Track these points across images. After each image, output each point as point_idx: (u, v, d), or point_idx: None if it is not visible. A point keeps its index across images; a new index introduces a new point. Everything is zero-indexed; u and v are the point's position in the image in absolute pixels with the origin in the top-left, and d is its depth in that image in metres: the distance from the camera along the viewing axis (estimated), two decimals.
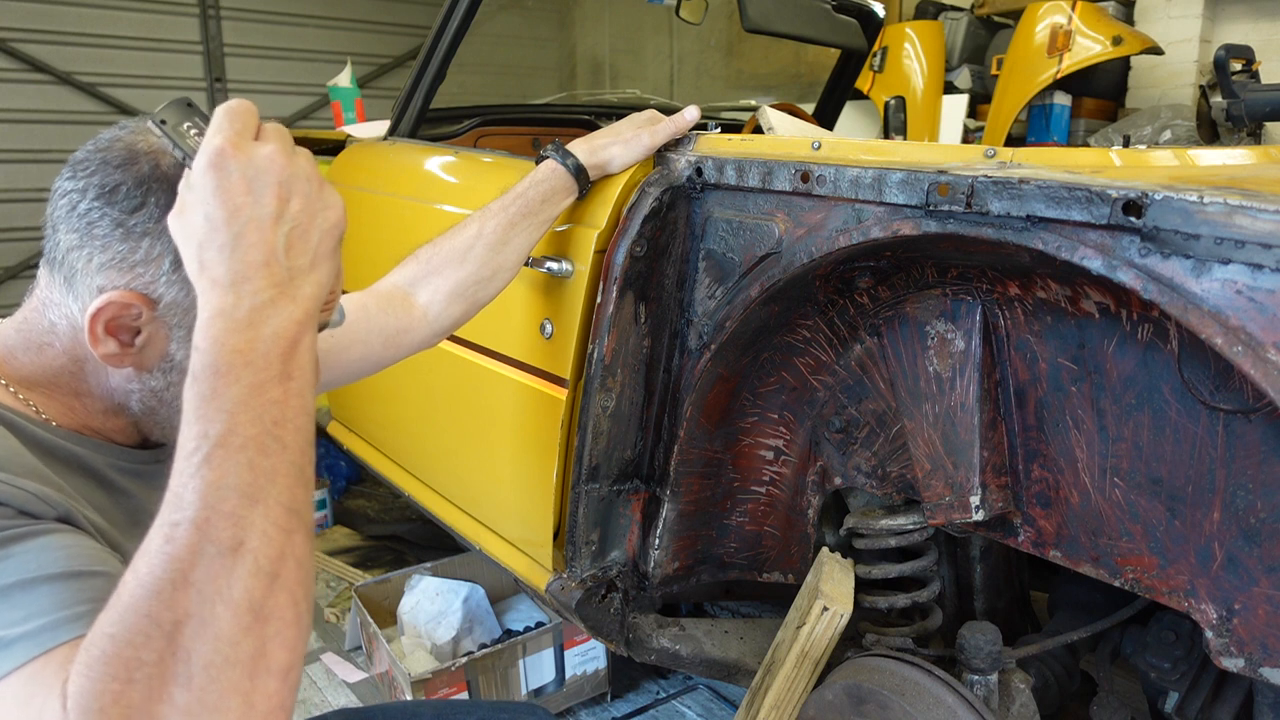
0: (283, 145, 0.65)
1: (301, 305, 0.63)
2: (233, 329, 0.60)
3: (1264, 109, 2.69)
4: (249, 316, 0.60)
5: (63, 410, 0.79)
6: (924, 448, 1.16)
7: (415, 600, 2.12)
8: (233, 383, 0.58)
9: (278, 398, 0.59)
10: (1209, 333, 0.78)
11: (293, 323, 0.61)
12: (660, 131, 1.34)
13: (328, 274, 0.66)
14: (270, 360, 0.60)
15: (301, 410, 0.61)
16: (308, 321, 0.63)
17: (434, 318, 1.22)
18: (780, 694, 1.30)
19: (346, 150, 2.27)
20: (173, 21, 5.26)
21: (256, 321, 0.60)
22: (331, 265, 0.67)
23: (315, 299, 0.64)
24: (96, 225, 0.73)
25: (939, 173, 0.98)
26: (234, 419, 0.57)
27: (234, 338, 0.59)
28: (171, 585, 0.52)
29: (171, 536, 0.54)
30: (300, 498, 0.59)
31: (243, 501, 0.55)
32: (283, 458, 0.58)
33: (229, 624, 0.53)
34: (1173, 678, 1.19)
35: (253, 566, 0.55)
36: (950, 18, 3.70)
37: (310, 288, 0.64)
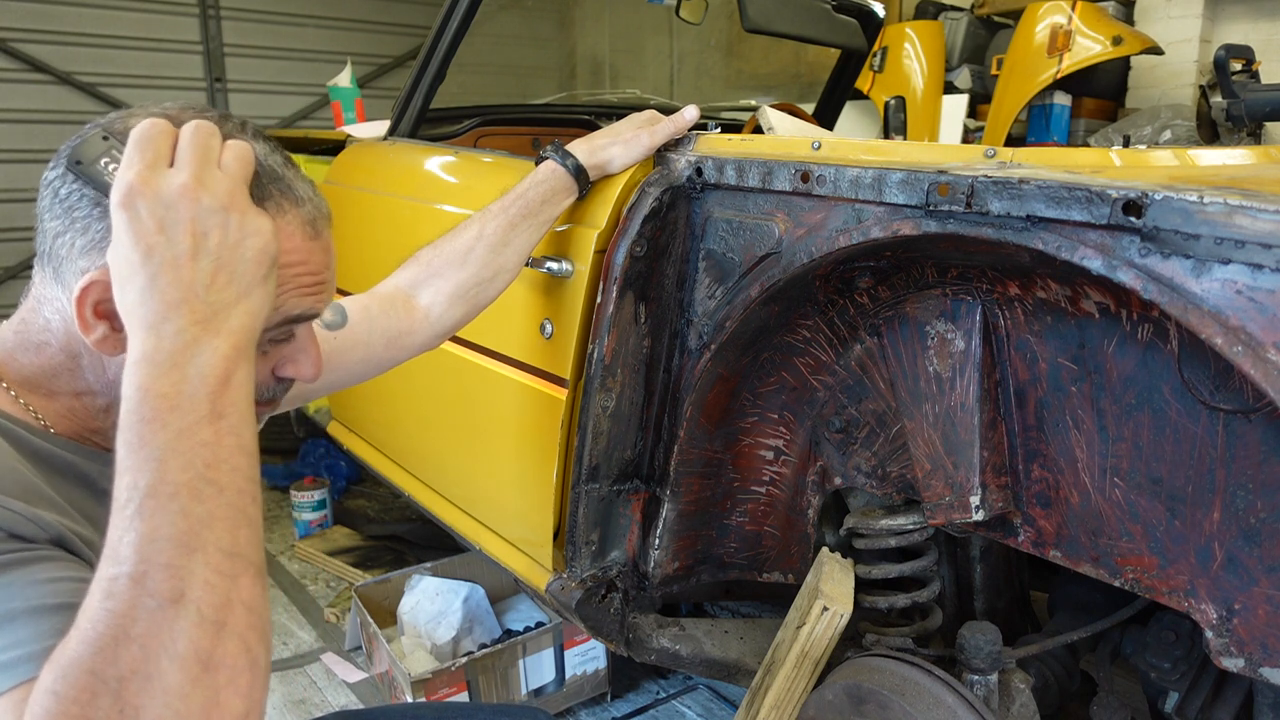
0: (196, 172, 0.63)
1: (229, 339, 0.61)
2: (156, 373, 0.59)
3: (1264, 109, 2.69)
4: (171, 358, 0.59)
5: (64, 413, 0.79)
6: (924, 448, 1.16)
7: (415, 600, 2.12)
8: (159, 429, 0.57)
9: (208, 439, 0.58)
10: (1209, 333, 0.78)
11: (220, 358, 0.60)
12: (660, 131, 1.34)
13: (260, 301, 0.65)
14: (197, 401, 0.58)
15: (237, 449, 0.59)
16: (238, 355, 0.62)
17: (436, 319, 1.23)
18: (780, 694, 1.30)
19: (346, 150, 2.27)
20: (173, 21, 5.26)
21: (180, 362, 0.59)
22: (264, 292, 0.65)
23: (247, 330, 0.63)
24: (76, 208, 0.72)
25: (939, 173, 0.98)
26: (163, 466, 0.56)
27: (158, 382, 0.58)
28: (114, 641, 0.52)
29: (111, 591, 0.53)
30: (243, 539, 0.57)
31: (179, 551, 0.54)
32: (218, 501, 0.57)
33: (176, 677, 0.52)
34: (1173, 678, 1.19)
35: (196, 617, 0.54)
36: (950, 18, 3.69)
37: (240, 318, 0.63)
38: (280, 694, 2.08)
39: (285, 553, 2.83)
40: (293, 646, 2.30)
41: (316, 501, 2.88)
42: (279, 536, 2.92)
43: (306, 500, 2.87)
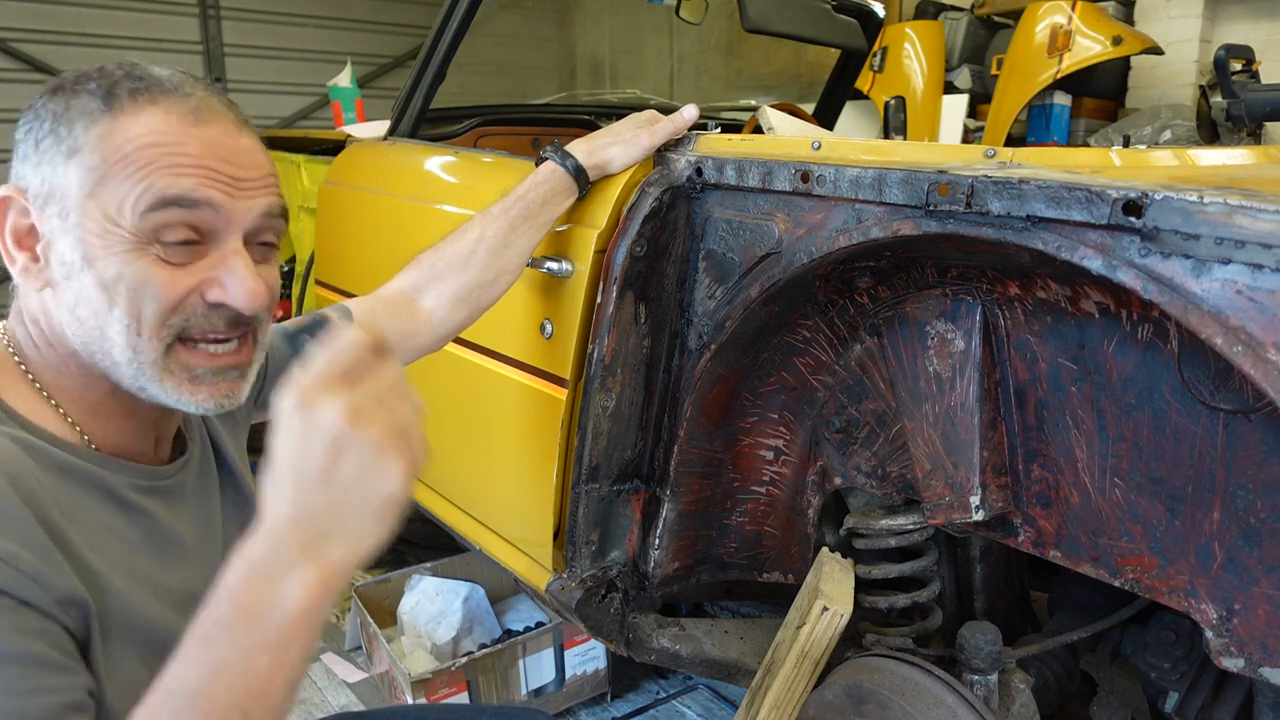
0: (356, 404, 0.60)
1: (321, 572, 0.60)
2: (248, 580, 0.59)
3: (1264, 109, 2.69)
4: (266, 572, 0.59)
5: (89, 413, 0.78)
6: (924, 448, 1.16)
7: (415, 600, 2.12)
8: (226, 639, 0.58)
9: (264, 669, 0.58)
10: (1209, 333, 0.78)
11: (306, 589, 0.59)
12: (659, 131, 1.34)
13: (367, 545, 0.62)
14: (268, 627, 0.58)
15: (285, 684, 0.59)
16: (324, 591, 0.60)
17: (439, 322, 1.23)
18: (780, 694, 1.30)
19: (346, 150, 2.27)
20: (173, 21, 5.26)
21: (272, 579, 0.59)
22: (377, 533, 0.63)
23: (343, 569, 0.62)
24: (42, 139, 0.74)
25: (939, 173, 0.98)
26: (212, 680, 0.57)
27: (245, 590, 0.59)
28: None
29: None
30: None
31: None
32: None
33: None
34: (1173, 678, 1.19)
35: None
36: (950, 18, 3.70)
37: (339, 552, 0.61)
38: None
39: None
40: None
41: None
42: None
43: None
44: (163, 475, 0.83)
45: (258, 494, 0.62)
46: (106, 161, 0.72)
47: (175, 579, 0.81)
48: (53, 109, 0.74)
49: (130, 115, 0.73)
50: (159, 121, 0.73)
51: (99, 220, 0.72)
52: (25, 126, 0.75)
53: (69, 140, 0.73)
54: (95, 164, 0.72)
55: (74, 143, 0.73)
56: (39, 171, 0.74)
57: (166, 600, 0.78)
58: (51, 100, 0.75)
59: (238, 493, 0.95)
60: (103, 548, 0.73)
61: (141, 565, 0.77)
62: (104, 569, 0.72)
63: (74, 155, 0.73)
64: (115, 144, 0.72)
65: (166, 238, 0.73)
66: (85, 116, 0.73)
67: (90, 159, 0.72)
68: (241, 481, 0.96)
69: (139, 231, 0.72)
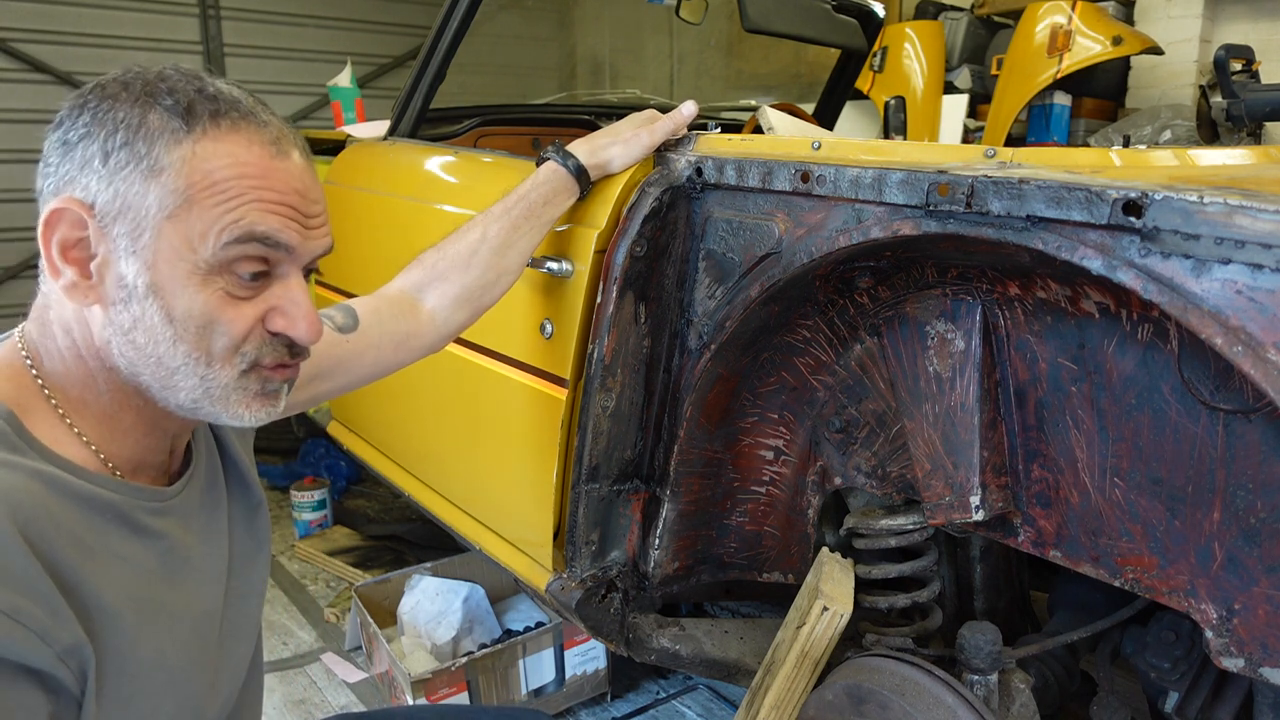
0: None
1: None
2: None
3: (1264, 109, 2.69)
4: None
5: (108, 429, 0.77)
6: (924, 448, 1.16)
7: (415, 600, 2.12)
8: None
9: None
10: (1209, 333, 0.78)
11: None
12: (659, 130, 1.34)
13: None
14: None
15: None
16: None
17: (441, 322, 1.23)
18: (780, 694, 1.30)
19: (346, 150, 2.27)
20: (173, 21, 5.25)
21: None
22: None
23: None
24: (49, 156, 0.72)
25: (939, 173, 0.98)
26: None
27: None
28: None
29: None
30: None
31: None
32: None
33: None
34: (1173, 678, 1.19)
35: None
36: (950, 18, 3.69)
37: None
38: (280, 694, 2.08)
39: (285, 553, 2.83)
40: (293, 646, 2.30)
41: (316, 501, 2.88)
42: (279, 536, 2.92)
43: (306, 500, 2.87)
44: (173, 494, 0.83)
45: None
46: (193, 187, 0.71)
47: (188, 600, 0.81)
48: (124, 120, 0.71)
49: (214, 140, 0.72)
50: (243, 151, 0.73)
51: (174, 245, 0.71)
52: (82, 130, 0.71)
53: (149, 159, 0.71)
54: (179, 187, 0.71)
55: (155, 162, 0.71)
56: (110, 186, 0.71)
57: (177, 626, 0.79)
58: (117, 108, 0.72)
59: (247, 498, 0.95)
60: (117, 580, 0.73)
61: (155, 593, 0.77)
62: (115, 605, 0.72)
63: (155, 175, 0.71)
64: (203, 170, 0.71)
65: (240, 270, 0.73)
66: (167, 134, 0.71)
67: (175, 181, 0.71)
68: (251, 485, 0.96)
69: (215, 262, 0.72)
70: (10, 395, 0.74)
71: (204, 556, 0.85)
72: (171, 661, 0.77)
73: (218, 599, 0.86)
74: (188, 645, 0.80)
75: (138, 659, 0.73)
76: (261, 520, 0.96)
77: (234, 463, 0.94)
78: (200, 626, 0.83)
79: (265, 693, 1.07)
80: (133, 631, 0.73)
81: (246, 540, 0.93)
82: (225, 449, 0.94)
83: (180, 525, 0.82)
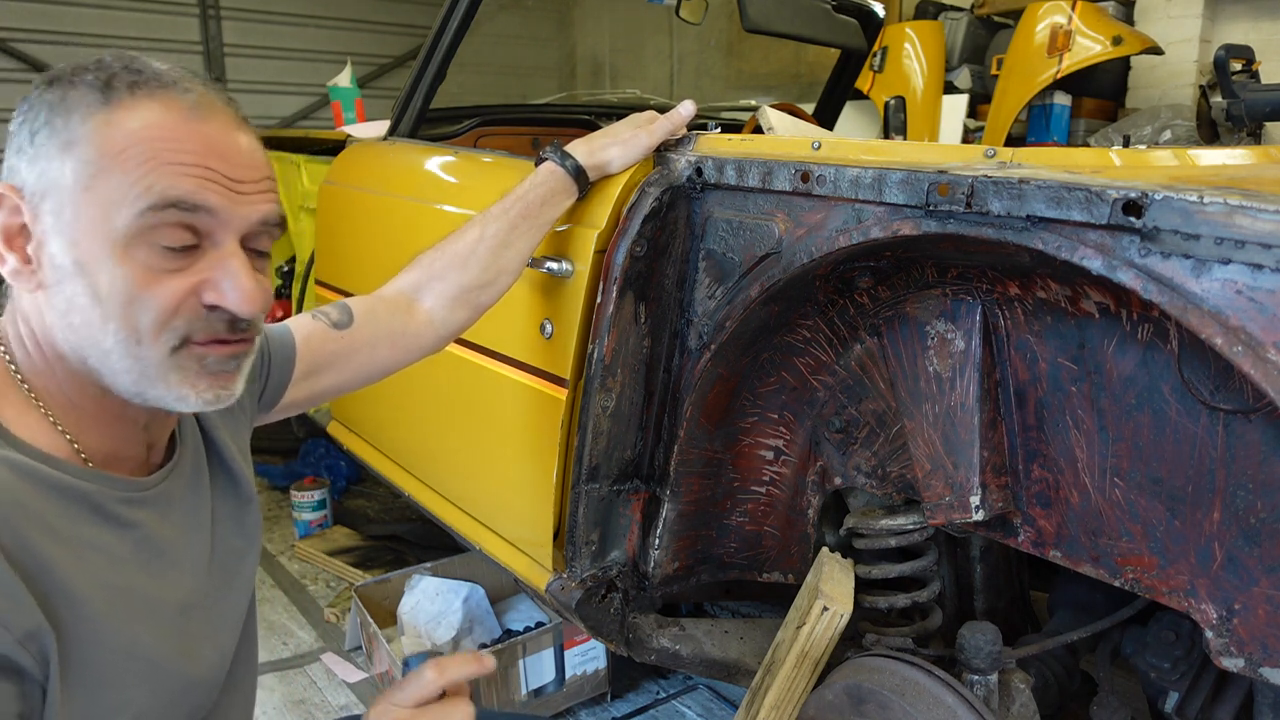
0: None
1: None
2: None
3: (1264, 109, 2.69)
4: None
5: (78, 418, 0.77)
6: (924, 448, 1.16)
7: (415, 600, 2.12)
8: None
9: None
10: (1209, 333, 0.78)
11: None
12: (657, 130, 1.34)
13: None
14: None
15: None
16: None
17: (439, 323, 1.23)
18: (780, 694, 1.30)
19: (346, 150, 2.27)
20: (173, 21, 5.26)
21: None
22: None
23: None
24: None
25: (939, 173, 0.98)
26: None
27: None
28: None
29: None
30: None
31: None
32: None
33: None
34: (1173, 678, 1.19)
35: None
36: (950, 18, 3.70)
37: None
38: (280, 694, 2.08)
39: (285, 553, 2.83)
40: (293, 646, 2.30)
41: (316, 501, 2.88)
42: (279, 536, 2.92)
43: (306, 500, 2.87)
44: (150, 485, 0.82)
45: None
46: (103, 155, 0.70)
47: (164, 590, 0.81)
48: (48, 100, 0.72)
49: (128, 109, 0.71)
50: (157, 115, 0.71)
51: (92, 217, 0.70)
52: (19, 119, 0.73)
53: (65, 133, 0.71)
54: (91, 157, 0.70)
55: (70, 135, 0.70)
56: (34, 166, 0.71)
57: (152, 616, 0.78)
58: (47, 91, 0.72)
59: (236, 493, 0.94)
60: (88, 568, 0.73)
61: (130, 582, 0.76)
62: (84, 592, 0.71)
63: (70, 148, 0.70)
64: (112, 137, 0.70)
65: (161, 240, 0.71)
66: (82, 108, 0.71)
67: (86, 151, 0.70)
68: (241, 481, 0.95)
69: (132, 233, 0.70)
70: None
71: (183, 549, 0.85)
72: (145, 651, 0.76)
73: (198, 592, 0.85)
74: (164, 635, 0.79)
75: (107, 646, 0.73)
76: (252, 516, 0.95)
77: (221, 458, 0.93)
78: (179, 618, 0.82)
79: (265, 692, 1.07)
80: (102, 619, 0.72)
81: (233, 535, 0.92)
82: (213, 444, 0.93)
83: (157, 516, 0.82)
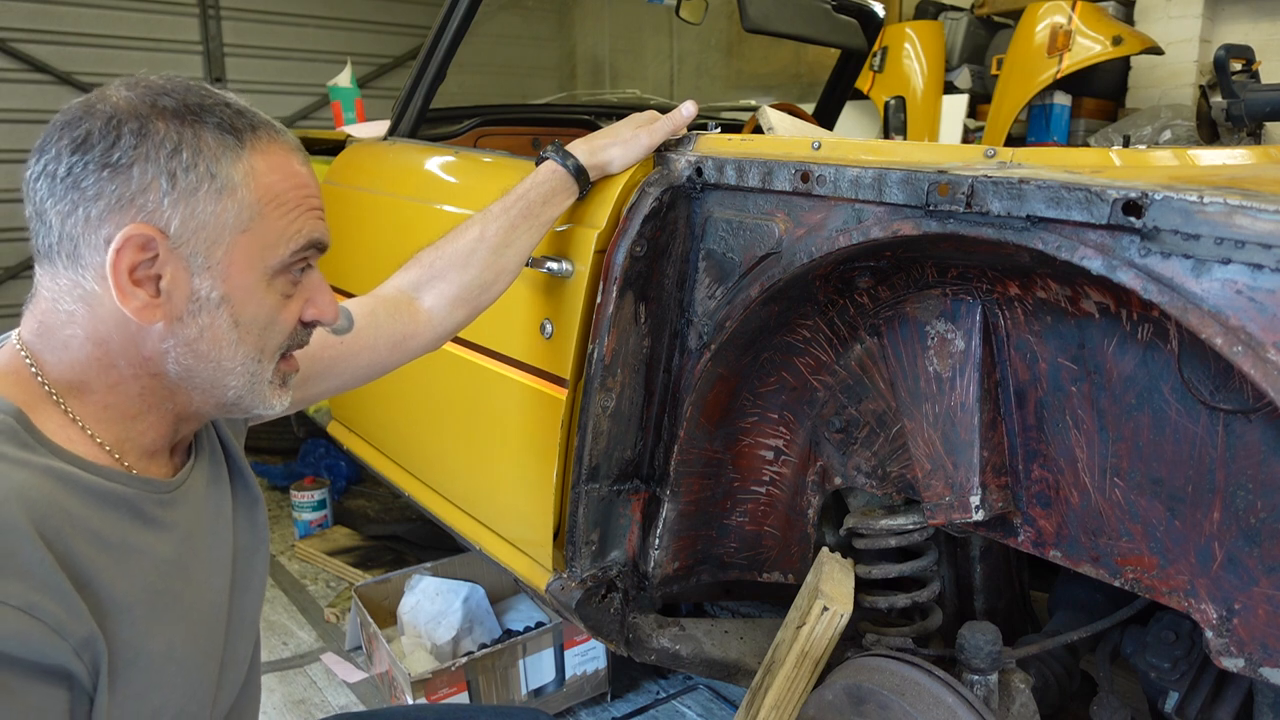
0: None
1: None
2: None
3: (1264, 109, 2.69)
4: None
5: (100, 416, 0.77)
6: (924, 448, 1.16)
7: (415, 600, 2.12)
8: None
9: None
10: (1209, 333, 0.78)
11: None
12: (658, 130, 1.34)
13: None
14: None
15: None
16: None
17: (439, 322, 1.23)
18: (780, 694, 1.30)
19: (346, 150, 2.27)
20: (173, 21, 5.25)
21: None
22: None
23: None
24: (82, 179, 0.71)
25: (939, 173, 0.98)
26: None
27: None
28: None
29: None
30: None
31: None
32: None
33: None
34: (1173, 678, 1.19)
35: None
36: (950, 18, 3.69)
37: None
38: (280, 694, 2.08)
39: (285, 553, 2.83)
40: (293, 646, 2.30)
41: (316, 501, 2.88)
42: (279, 536, 2.92)
43: (306, 500, 2.87)
44: (178, 483, 0.83)
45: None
46: (261, 201, 0.77)
47: (199, 590, 0.82)
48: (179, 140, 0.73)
49: (262, 155, 0.78)
50: (284, 162, 0.79)
51: (248, 256, 0.76)
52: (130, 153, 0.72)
53: (220, 179, 0.75)
54: (251, 201, 0.76)
55: (225, 180, 0.75)
56: (186, 207, 0.74)
57: (186, 618, 0.79)
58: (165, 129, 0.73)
59: (246, 491, 0.96)
60: (132, 573, 0.73)
61: (170, 584, 0.77)
62: (128, 599, 0.72)
63: (228, 193, 0.75)
64: (265, 183, 0.77)
65: (295, 271, 0.81)
66: (228, 153, 0.76)
67: (246, 195, 0.76)
68: (249, 479, 0.96)
69: (280, 268, 0.79)
70: (17, 395, 0.74)
71: (210, 548, 0.86)
72: (180, 654, 0.77)
73: (224, 591, 0.87)
74: (196, 637, 0.80)
75: (149, 652, 0.74)
76: (260, 515, 0.97)
77: (234, 458, 0.95)
78: (207, 618, 0.83)
79: (265, 693, 1.08)
80: (144, 624, 0.73)
81: (248, 534, 0.94)
82: (225, 443, 0.95)
83: (189, 515, 0.83)
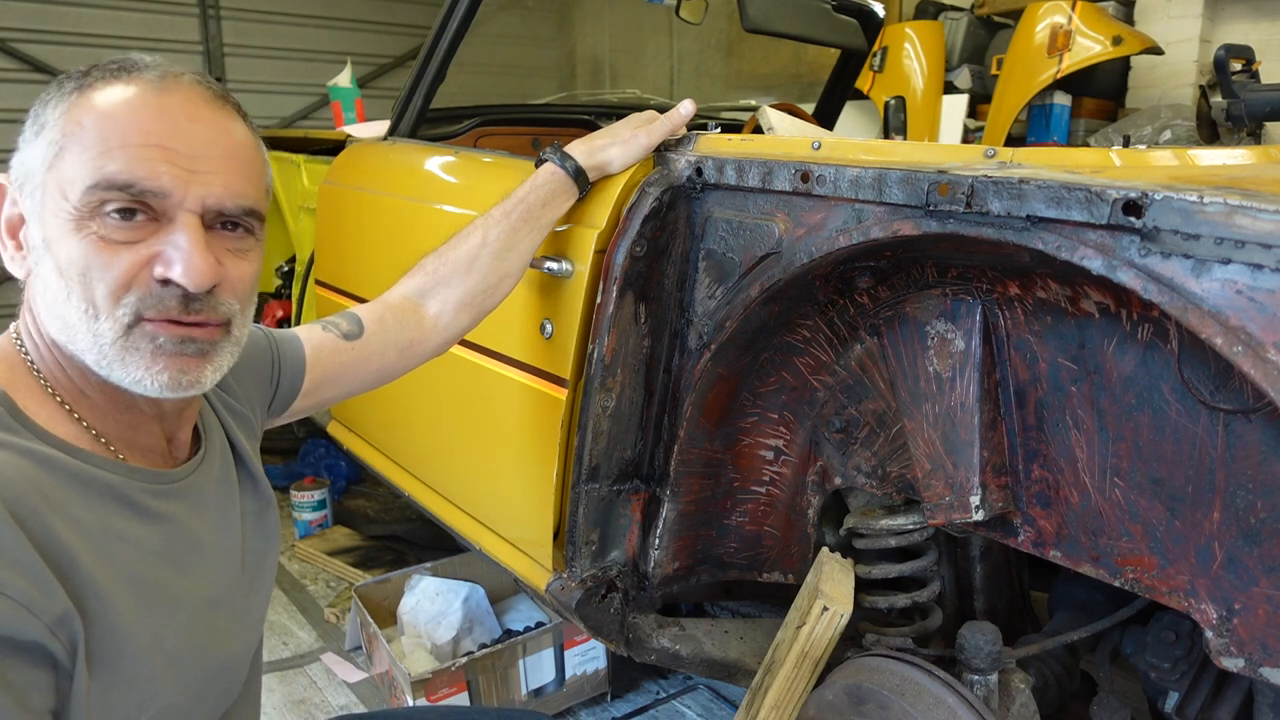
0: None
1: None
2: None
3: (1264, 109, 2.69)
4: None
5: (91, 408, 0.77)
6: (924, 448, 1.16)
7: (415, 600, 2.12)
8: None
9: None
10: (1209, 333, 0.78)
11: None
12: (657, 130, 1.34)
13: None
14: None
15: None
16: None
17: (444, 327, 1.24)
18: (780, 694, 1.30)
19: (346, 150, 2.27)
20: (173, 21, 5.26)
21: None
22: None
23: None
24: None
25: (939, 173, 0.98)
26: None
27: None
28: None
29: None
30: None
31: None
32: None
33: None
34: (1173, 678, 1.19)
35: None
36: (950, 18, 3.70)
37: None
38: (280, 694, 2.08)
39: (285, 553, 2.83)
40: (293, 646, 2.30)
41: (316, 501, 2.88)
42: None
43: (306, 500, 2.87)
44: (179, 476, 0.83)
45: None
46: (64, 135, 0.73)
47: (193, 585, 0.81)
48: (43, 97, 0.76)
49: (95, 91, 0.74)
50: (118, 95, 0.74)
51: (54, 196, 0.73)
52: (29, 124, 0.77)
53: (40, 120, 0.75)
54: (55, 138, 0.73)
55: (43, 121, 0.75)
56: (19, 155, 0.76)
57: (178, 612, 0.78)
58: (45, 90, 0.77)
59: (258, 494, 0.95)
60: (114, 559, 0.73)
61: (159, 576, 0.77)
62: (111, 584, 0.71)
63: (41, 132, 0.74)
64: (74, 117, 0.73)
65: (108, 211, 0.71)
66: (59, 97, 0.75)
67: (52, 133, 0.74)
68: (261, 483, 0.96)
69: (83, 207, 0.71)
70: (4, 378, 0.75)
71: (215, 546, 0.85)
72: (170, 647, 0.76)
73: (226, 590, 0.86)
74: (190, 631, 0.79)
75: (136, 641, 0.73)
76: (271, 518, 0.97)
77: (243, 459, 0.95)
78: (205, 615, 0.82)
79: (265, 693, 1.08)
80: (130, 613, 0.72)
81: (257, 536, 0.94)
82: (235, 444, 0.95)
83: (189, 510, 0.82)
